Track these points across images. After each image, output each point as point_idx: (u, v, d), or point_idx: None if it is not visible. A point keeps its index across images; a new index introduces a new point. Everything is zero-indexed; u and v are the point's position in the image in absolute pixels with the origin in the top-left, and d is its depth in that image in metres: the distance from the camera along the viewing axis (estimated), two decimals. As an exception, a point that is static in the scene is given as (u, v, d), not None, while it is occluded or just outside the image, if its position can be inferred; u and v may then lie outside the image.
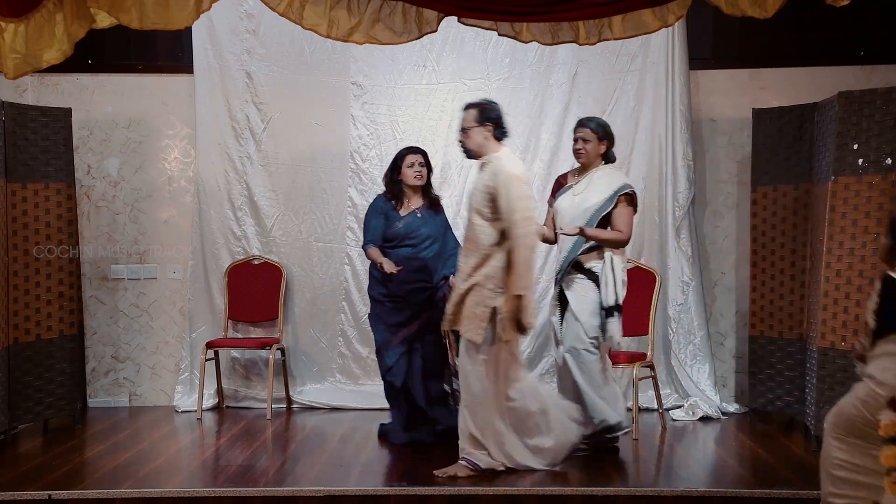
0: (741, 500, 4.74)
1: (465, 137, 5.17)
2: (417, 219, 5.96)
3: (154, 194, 7.16)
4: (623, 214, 5.48)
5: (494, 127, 5.15)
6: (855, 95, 5.67)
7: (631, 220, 5.52)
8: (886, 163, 5.47)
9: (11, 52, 5.10)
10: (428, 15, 5.30)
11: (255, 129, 7.06)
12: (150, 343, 7.17)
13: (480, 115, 5.14)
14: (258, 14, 6.88)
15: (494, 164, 5.08)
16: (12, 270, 6.04)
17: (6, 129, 5.99)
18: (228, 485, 4.96)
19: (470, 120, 5.15)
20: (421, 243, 5.92)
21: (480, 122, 5.13)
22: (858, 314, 5.48)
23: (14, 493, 4.77)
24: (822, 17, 6.17)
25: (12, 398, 5.97)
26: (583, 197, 5.51)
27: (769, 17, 5.01)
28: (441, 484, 4.91)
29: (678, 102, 6.87)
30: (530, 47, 6.64)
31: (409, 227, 5.93)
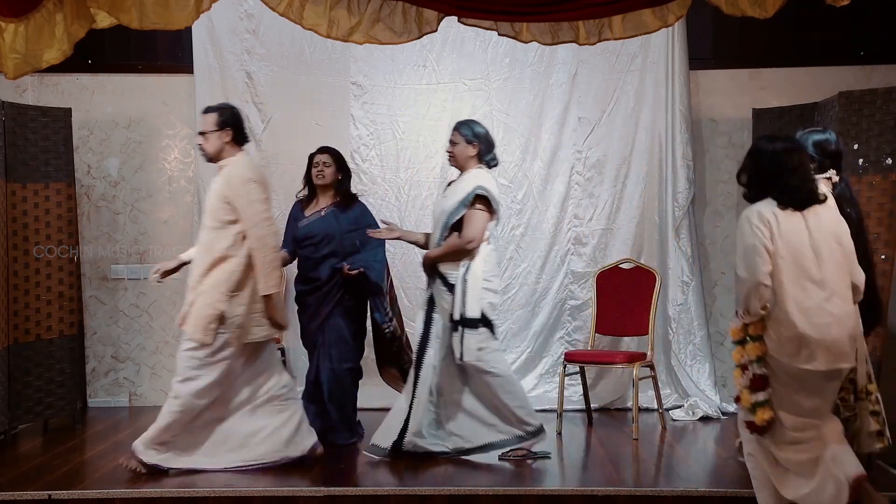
0: (741, 500, 4.73)
1: (203, 141, 5.19)
2: (320, 219, 5.88)
3: (154, 194, 7.16)
4: (472, 218, 5.29)
5: (233, 132, 5.18)
6: (855, 95, 5.67)
7: (481, 223, 5.31)
8: (886, 163, 5.47)
9: (11, 52, 5.10)
10: (428, 15, 5.30)
11: (255, 129, 7.05)
12: (150, 343, 7.17)
13: (219, 119, 5.17)
14: (258, 14, 6.88)
15: (229, 169, 5.14)
16: (12, 270, 6.04)
17: (6, 129, 5.99)
18: (229, 485, 4.96)
19: (209, 124, 5.17)
20: (319, 243, 5.83)
21: (220, 127, 5.16)
22: (858, 314, 5.48)
23: (14, 493, 4.77)
24: (822, 17, 6.17)
25: (12, 398, 5.97)
26: (446, 200, 5.44)
27: (769, 17, 5.01)
28: (441, 484, 4.91)
29: (678, 102, 6.87)
30: (530, 47, 6.64)
31: (310, 227, 5.85)
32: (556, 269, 7.04)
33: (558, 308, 7.04)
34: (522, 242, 7.06)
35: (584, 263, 7.01)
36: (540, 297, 7.02)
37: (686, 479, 5.13)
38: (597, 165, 7.01)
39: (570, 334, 7.02)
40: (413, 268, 7.08)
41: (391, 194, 7.07)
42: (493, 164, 5.52)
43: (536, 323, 7.02)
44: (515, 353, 7.01)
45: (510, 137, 7.02)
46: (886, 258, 5.42)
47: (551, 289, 7.04)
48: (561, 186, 7.02)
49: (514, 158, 7.02)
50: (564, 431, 6.12)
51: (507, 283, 7.03)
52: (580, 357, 6.32)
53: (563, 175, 7.02)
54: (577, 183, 7.03)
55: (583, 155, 7.03)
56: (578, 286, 6.99)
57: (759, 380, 4.23)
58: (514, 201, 6.99)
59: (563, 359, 6.43)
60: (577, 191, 7.03)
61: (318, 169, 5.91)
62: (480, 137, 5.45)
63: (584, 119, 7.01)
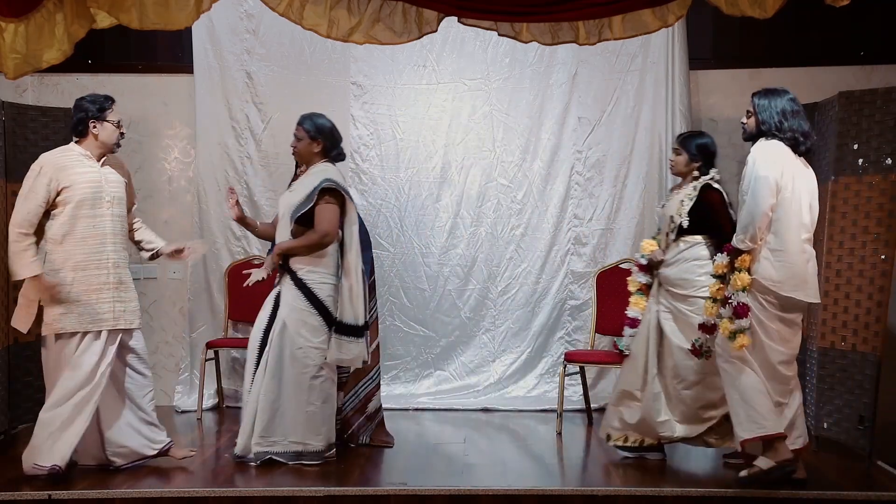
0: (741, 500, 4.74)
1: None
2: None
3: (154, 194, 7.16)
4: (322, 212, 5.23)
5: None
6: (855, 95, 5.66)
7: (332, 216, 5.24)
8: (886, 163, 5.47)
9: (11, 52, 5.10)
10: (428, 15, 5.30)
11: (255, 129, 7.06)
12: (150, 343, 7.11)
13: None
14: (258, 14, 6.88)
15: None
16: (12, 270, 6.03)
17: (6, 129, 5.98)
18: (228, 485, 4.96)
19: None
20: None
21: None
22: (858, 314, 5.49)
23: (14, 493, 4.77)
24: (822, 17, 6.16)
25: (12, 398, 5.96)
26: (293, 194, 5.39)
27: (769, 17, 5.01)
28: (441, 484, 4.91)
29: (678, 102, 6.87)
30: (530, 47, 6.64)
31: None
32: (556, 269, 7.04)
33: (558, 308, 7.04)
34: (522, 242, 7.06)
35: (584, 263, 7.01)
36: (540, 297, 7.03)
37: (686, 479, 5.13)
38: (597, 165, 7.02)
39: (570, 334, 7.02)
40: (414, 268, 7.09)
41: (391, 194, 7.07)
42: (340, 158, 5.48)
43: (536, 323, 7.02)
44: (515, 353, 7.02)
45: (510, 137, 7.02)
46: (886, 258, 5.41)
47: (551, 289, 7.04)
48: (561, 186, 7.02)
49: (514, 158, 7.02)
50: (564, 431, 6.12)
51: (507, 283, 7.04)
52: (580, 357, 6.33)
53: (563, 175, 7.02)
54: (577, 183, 7.03)
55: (583, 155, 7.03)
56: (578, 286, 6.99)
57: (743, 308, 4.65)
58: (514, 201, 6.99)
59: (563, 359, 6.44)
60: (577, 191, 7.03)
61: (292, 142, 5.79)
62: (324, 133, 5.40)
63: (584, 119, 7.01)
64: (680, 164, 5.33)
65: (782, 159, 4.73)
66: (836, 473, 5.18)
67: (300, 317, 5.27)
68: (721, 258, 4.82)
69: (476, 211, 7.07)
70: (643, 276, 5.35)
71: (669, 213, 5.27)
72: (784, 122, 4.78)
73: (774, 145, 4.76)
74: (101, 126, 5.09)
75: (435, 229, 7.04)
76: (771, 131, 4.79)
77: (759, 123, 4.84)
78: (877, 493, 4.75)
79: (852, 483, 5.00)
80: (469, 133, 7.05)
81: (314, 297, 5.27)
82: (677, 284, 5.19)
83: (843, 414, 5.53)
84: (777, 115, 4.79)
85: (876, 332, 5.40)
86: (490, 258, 7.06)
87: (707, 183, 5.23)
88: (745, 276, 4.70)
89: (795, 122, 4.78)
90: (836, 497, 4.73)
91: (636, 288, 5.35)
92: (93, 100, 5.13)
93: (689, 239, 5.18)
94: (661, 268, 5.28)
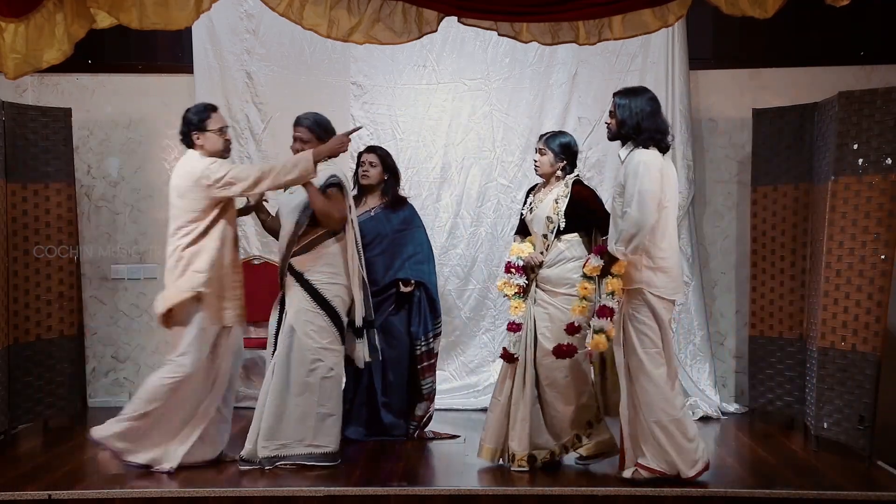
0: (741, 500, 4.74)
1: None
2: (370, 218, 5.91)
3: (154, 194, 7.15)
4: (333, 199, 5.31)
5: None
6: (855, 95, 5.66)
7: (342, 206, 5.34)
8: (886, 163, 5.47)
9: (11, 52, 5.10)
10: (428, 15, 5.30)
11: (255, 129, 7.06)
12: (150, 343, 7.17)
13: None
14: (258, 14, 6.88)
15: None
16: (12, 270, 6.04)
17: (6, 129, 5.98)
18: (228, 485, 4.96)
19: None
20: (370, 243, 5.83)
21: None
22: (858, 314, 5.49)
23: (14, 493, 4.78)
24: (822, 17, 6.16)
25: (12, 398, 5.96)
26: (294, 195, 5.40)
27: (769, 17, 5.01)
28: (441, 484, 4.91)
29: (678, 102, 6.86)
30: (530, 47, 6.64)
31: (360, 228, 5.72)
32: (556, 269, 7.03)
33: (558, 308, 7.03)
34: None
35: (583, 263, 7.00)
36: (540, 297, 7.02)
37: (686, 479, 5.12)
38: (597, 165, 7.01)
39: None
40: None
41: (391, 194, 7.07)
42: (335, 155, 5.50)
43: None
44: (515, 353, 7.02)
45: (510, 137, 7.02)
46: (886, 258, 5.41)
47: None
48: (561, 186, 7.02)
49: (514, 158, 7.02)
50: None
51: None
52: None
53: (563, 175, 7.02)
54: (577, 183, 7.02)
55: (583, 155, 7.00)
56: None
57: (610, 310, 4.85)
58: (514, 201, 6.98)
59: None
60: (577, 191, 7.03)
61: (364, 168, 5.92)
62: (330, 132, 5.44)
63: (584, 119, 7.01)
64: (545, 164, 5.29)
65: (661, 170, 4.81)
66: (836, 473, 5.18)
67: (307, 318, 5.28)
68: (595, 260, 4.95)
69: (476, 211, 7.07)
70: (521, 279, 5.25)
71: (545, 215, 5.20)
72: (642, 122, 4.84)
73: (653, 156, 4.82)
74: (204, 136, 5.15)
75: (435, 229, 7.03)
76: (630, 132, 4.86)
77: (620, 123, 4.91)
78: (877, 493, 4.75)
79: (852, 483, 4.99)
80: (469, 133, 7.04)
81: (321, 297, 5.29)
82: (560, 284, 5.16)
83: (843, 414, 5.53)
84: (636, 116, 4.86)
85: (876, 332, 5.40)
86: (490, 258, 7.06)
87: (576, 179, 5.25)
88: (617, 282, 4.85)
89: (653, 122, 4.86)
90: (836, 497, 4.73)
91: (514, 291, 5.25)
92: (195, 111, 5.20)
93: (568, 238, 5.18)
94: (540, 270, 5.23)
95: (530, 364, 5.18)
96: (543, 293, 5.21)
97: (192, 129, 5.17)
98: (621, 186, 4.85)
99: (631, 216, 4.73)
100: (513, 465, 5.16)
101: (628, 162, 4.83)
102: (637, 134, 4.85)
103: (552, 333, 5.12)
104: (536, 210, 5.30)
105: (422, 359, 5.95)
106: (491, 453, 5.24)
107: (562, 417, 5.17)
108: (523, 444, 5.14)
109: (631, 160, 4.82)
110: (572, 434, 5.20)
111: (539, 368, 5.16)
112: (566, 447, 5.22)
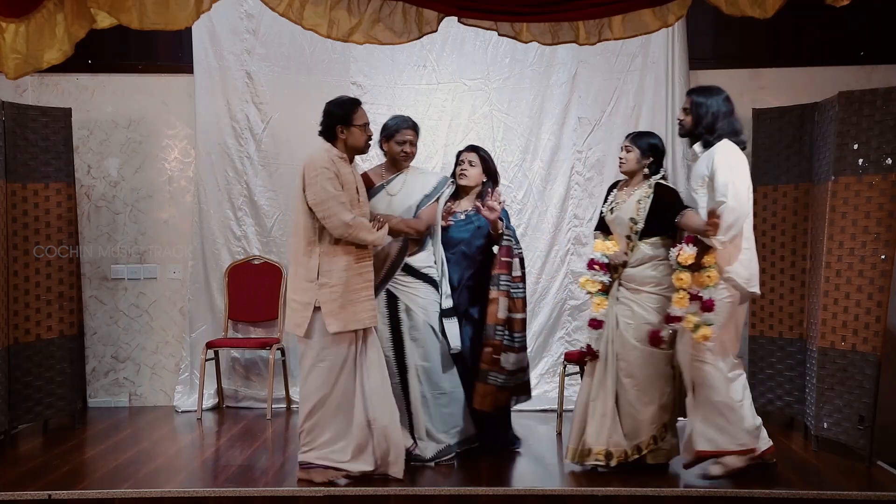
0: (741, 500, 4.74)
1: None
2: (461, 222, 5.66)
3: (154, 194, 7.16)
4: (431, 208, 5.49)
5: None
6: (855, 95, 5.66)
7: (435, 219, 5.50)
8: (886, 163, 5.47)
9: (12, 52, 5.10)
10: (428, 15, 5.30)
11: (255, 129, 7.06)
12: (150, 343, 7.17)
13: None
14: (258, 14, 6.88)
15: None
16: (12, 270, 6.04)
17: (6, 129, 5.99)
18: (228, 485, 4.96)
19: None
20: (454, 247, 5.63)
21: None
22: (858, 314, 5.49)
23: (14, 493, 4.78)
24: (822, 17, 6.16)
25: (12, 398, 5.96)
26: (403, 195, 5.44)
27: (769, 17, 5.01)
28: (441, 484, 4.91)
29: (678, 102, 6.86)
30: (530, 47, 6.64)
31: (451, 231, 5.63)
32: (556, 269, 7.04)
33: (558, 308, 7.04)
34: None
35: (584, 263, 6.96)
36: (540, 297, 7.02)
37: (686, 479, 5.13)
38: (597, 165, 7.01)
39: (570, 334, 7.02)
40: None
41: (391, 194, 7.06)
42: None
43: (536, 323, 7.01)
44: (515, 352, 7.02)
45: (510, 137, 7.02)
46: (886, 258, 5.42)
47: (551, 289, 7.04)
48: (561, 186, 7.02)
49: (514, 158, 7.02)
50: (564, 431, 6.11)
51: (508, 283, 7.04)
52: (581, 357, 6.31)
53: (563, 175, 7.02)
54: (577, 183, 7.03)
55: (583, 155, 7.03)
56: (578, 286, 6.98)
57: (712, 302, 4.88)
58: (514, 201, 6.98)
59: (562, 359, 6.44)
60: (577, 191, 7.03)
61: (462, 167, 5.71)
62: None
63: (584, 119, 7.01)
64: (631, 161, 5.27)
65: (747, 164, 4.97)
66: (836, 473, 5.18)
67: (436, 309, 5.40)
68: (689, 249, 4.93)
69: (476, 211, 7.07)
70: (604, 276, 5.28)
71: (628, 216, 5.19)
72: (717, 121, 4.98)
73: (736, 150, 4.97)
74: (349, 131, 5.09)
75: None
76: (704, 130, 4.99)
77: (695, 121, 5.02)
78: (877, 494, 4.76)
79: (852, 483, 5.00)
80: (469, 133, 7.04)
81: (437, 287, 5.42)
82: (644, 283, 5.16)
83: (843, 414, 5.53)
84: (712, 115, 4.99)
85: (876, 332, 5.40)
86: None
87: (659, 182, 5.23)
88: (715, 273, 4.89)
89: (728, 122, 5.01)
90: (836, 497, 4.73)
91: (597, 289, 5.28)
92: (339, 103, 5.15)
93: (651, 240, 5.16)
94: (624, 269, 5.22)
95: (612, 361, 5.17)
96: (627, 291, 5.20)
97: (336, 123, 5.10)
98: (704, 178, 4.93)
99: (728, 205, 4.79)
100: (588, 460, 5.15)
101: (714, 154, 4.92)
102: (711, 133, 4.96)
103: (635, 331, 5.13)
104: (618, 211, 5.26)
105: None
106: (573, 453, 5.22)
107: (640, 417, 5.14)
108: (601, 439, 5.13)
109: (718, 153, 4.91)
110: (649, 436, 5.14)
111: (622, 365, 5.15)
112: (640, 448, 5.15)
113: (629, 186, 5.31)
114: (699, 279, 4.91)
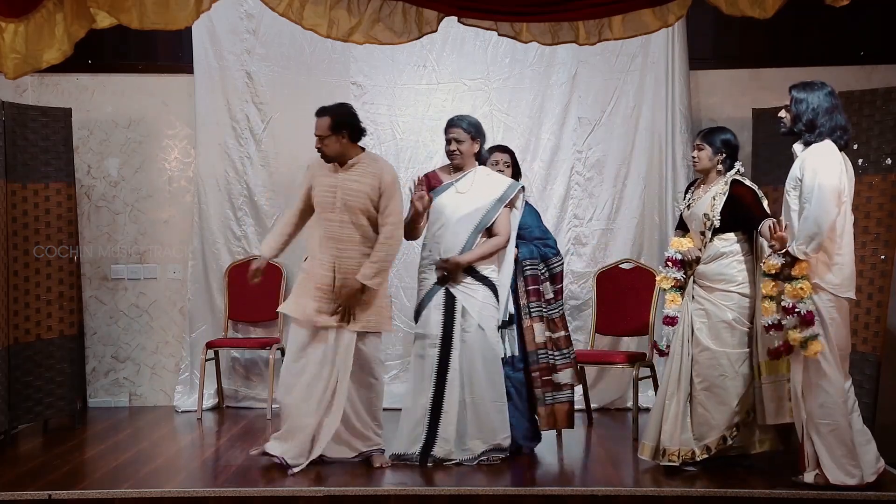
0: (741, 500, 4.74)
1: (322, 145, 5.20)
2: None
3: (154, 194, 7.16)
4: (505, 215, 5.42)
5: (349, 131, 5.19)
6: (855, 95, 5.66)
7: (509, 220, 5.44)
8: (886, 163, 5.47)
9: (11, 52, 5.10)
10: (428, 15, 5.30)
11: (255, 129, 7.06)
12: (150, 343, 7.17)
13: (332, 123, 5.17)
14: (258, 14, 6.88)
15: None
16: (12, 270, 6.04)
17: (6, 129, 5.98)
18: (228, 485, 4.95)
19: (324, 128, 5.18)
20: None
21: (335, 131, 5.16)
22: (858, 314, 5.48)
23: (14, 493, 4.77)
24: (822, 17, 6.16)
25: (12, 398, 5.96)
26: (470, 196, 5.40)
27: (769, 17, 5.01)
28: (441, 484, 4.91)
29: (678, 102, 6.87)
30: (530, 47, 6.64)
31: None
32: (556, 269, 7.03)
33: (558, 308, 7.03)
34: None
35: (584, 263, 7.01)
36: (539, 298, 7.01)
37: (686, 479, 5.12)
38: (597, 165, 7.01)
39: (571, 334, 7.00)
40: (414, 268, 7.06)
41: (391, 194, 7.06)
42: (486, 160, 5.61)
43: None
44: (515, 353, 7.01)
45: (510, 137, 7.01)
46: (886, 258, 5.41)
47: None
48: (561, 186, 7.02)
49: (513, 158, 7.02)
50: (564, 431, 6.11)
51: (508, 283, 7.04)
52: (580, 357, 6.31)
53: (563, 175, 7.02)
54: (577, 183, 7.03)
55: (583, 155, 7.03)
56: (578, 286, 6.98)
57: (812, 315, 4.61)
58: (513, 201, 6.99)
59: (563, 359, 6.44)
60: (577, 191, 7.03)
61: (498, 168, 5.71)
62: (482, 132, 5.51)
63: (584, 119, 7.01)
64: (703, 158, 5.14)
65: (840, 165, 4.64)
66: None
67: (491, 314, 5.35)
68: (776, 259, 4.70)
69: (476, 211, 7.07)
70: (678, 273, 5.18)
71: (702, 212, 5.09)
72: (818, 118, 4.70)
73: (830, 150, 4.65)
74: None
75: (435, 229, 7.03)
76: (804, 128, 4.72)
77: (795, 118, 4.77)
78: (877, 494, 4.75)
79: (852, 483, 4.98)
80: (469, 133, 7.04)
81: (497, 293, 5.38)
82: (716, 280, 5.05)
83: (843, 414, 5.51)
84: (812, 112, 4.71)
85: (876, 332, 5.40)
86: (490, 258, 7.05)
87: (735, 178, 5.09)
88: (807, 284, 4.62)
89: (830, 118, 4.69)
90: (836, 497, 4.72)
91: (670, 285, 5.18)
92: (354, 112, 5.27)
93: (726, 237, 5.04)
94: (697, 265, 5.12)
95: (686, 360, 5.09)
96: (700, 289, 5.10)
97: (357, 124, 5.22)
98: (796, 180, 4.69)
99: (811, 214, 4.57)
100: (662, 460, 5.09)
101: (806, 156, 4.68)
102: (811, 130, 4.70)
103: (708, 329, 5.03)
104: (694, 207, 5.16)
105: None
106: (650, 451, 5.15)
107: (711, 417, 5.03)
108: (675, 439, 5.04)
109: (809, 154, 4.67)
110: (718, 436, 5.05)
111: (694, 365, 5.07)
112: (709, 448, 5.05)
113: (706, 184, 5.18)
114: (792, 292, 4.65)
